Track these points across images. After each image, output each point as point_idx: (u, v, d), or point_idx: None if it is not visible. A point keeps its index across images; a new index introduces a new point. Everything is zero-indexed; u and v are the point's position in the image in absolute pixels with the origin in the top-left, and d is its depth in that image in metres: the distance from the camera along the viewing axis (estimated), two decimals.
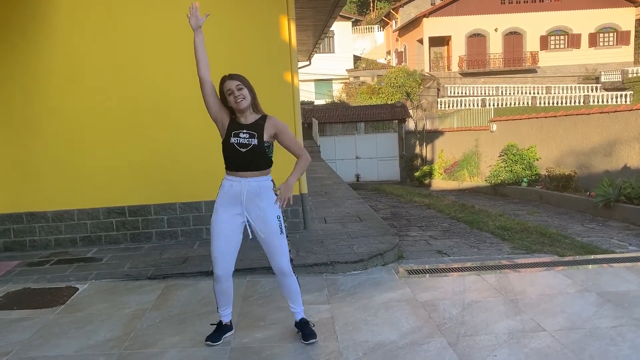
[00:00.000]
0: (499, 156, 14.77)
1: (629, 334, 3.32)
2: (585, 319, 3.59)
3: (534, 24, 33.56)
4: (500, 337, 3.33)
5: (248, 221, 3.18)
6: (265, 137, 3.14)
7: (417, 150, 23.64)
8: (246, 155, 3.10)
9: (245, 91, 3.10)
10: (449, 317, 3.67)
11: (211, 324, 3.47)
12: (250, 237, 3.22)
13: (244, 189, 3.13)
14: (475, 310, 3.78)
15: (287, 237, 3.26)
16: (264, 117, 3.20)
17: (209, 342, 3.32)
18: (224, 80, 3.14)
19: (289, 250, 3.27)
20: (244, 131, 3.12)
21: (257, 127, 3.14)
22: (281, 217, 3.21)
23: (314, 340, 3.30)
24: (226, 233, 3.17)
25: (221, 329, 3.40)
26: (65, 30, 5.65)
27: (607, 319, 3.57)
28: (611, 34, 33.97)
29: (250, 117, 3.17)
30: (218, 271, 3.21)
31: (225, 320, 3.41)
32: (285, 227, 3.23)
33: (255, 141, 3.10)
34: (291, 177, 3.17)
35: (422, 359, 3.09)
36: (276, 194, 3.16)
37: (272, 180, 3.26)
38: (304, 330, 3.35)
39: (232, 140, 3.11)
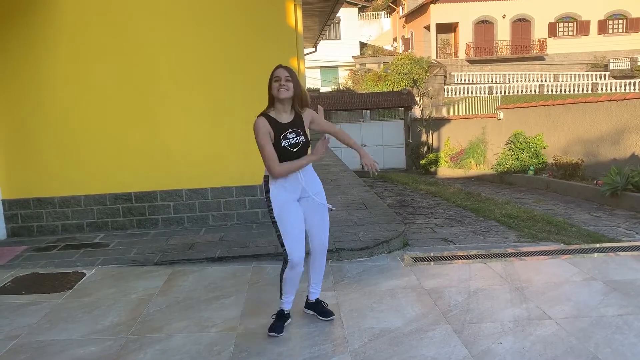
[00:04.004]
0: (506, 144, 14.68)
1: (635, 323, 3.32)
2: (591, 307, 3.58)
3: (542, 11, 33.17)
4: (506, 325, 3.33)
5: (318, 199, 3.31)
6: (308, 131, 3.30)
7: (423, 138, 23.52)
8: (297, 153, 3.20)
9: (291, 85, 3.15)
10: (455, 305, 3.67)
11: (272, 315, 3.40)
12: (333, 208, 3.40)
13: (300, 175, 3.24)
14: (480, 298, 3.78)
15: None
16: (299, 114, 3.27)
17: (273, 334, 3.25)
18: (277, 67, 3.19)
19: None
20: (290, 130, 3.18)
21: (299, 123, 3.24)
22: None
23: (332, 316, 3.44)
24: (298, 220, 3.25)
25: (282, 318, 3.36)
26: (72, 20, 5.63)
27: (613, 307, 3.56)
28: (620, 21, 33.54)
29: (289, 115, 3.23)
30: (296, 259, 3.22)
31: (287, 307, 3.39)
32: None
33: (302, 138, 3.22)
34: (358, 148, 3.47)
35: (427, 345, 3.10)
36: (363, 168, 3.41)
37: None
38: (321, 309, 3.48)
39: (283, 143, 3.15)
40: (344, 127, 23.38)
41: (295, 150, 3.17)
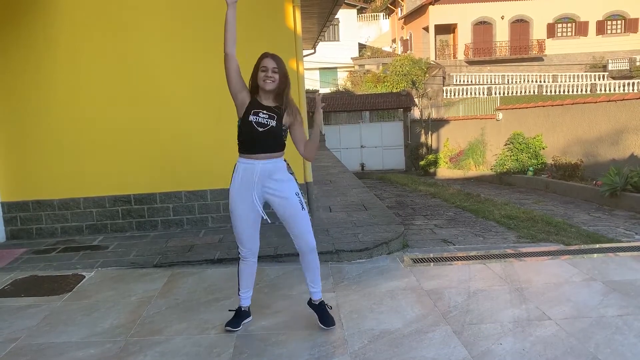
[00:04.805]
0: (505, 145, 14.68)
1: (635, 323, 3.32)
2: (591, 307, 3.58)
3: (540, 11, 33.21)
4: (506, 326, 3.33)
5: (259, 203, 3.21)
6: (284, 121, 3.17)
7: (423, 139, 23.53)
8: (262, 135, 3.11)
9: (277, 77, 3.10)
10: (454, 306, 3.67)
11: (229, 310, 3.50)
12: (269, 221, 3.25)
13: (256, 170, 3.15)
14: (480, 299, 3.78)
15: (308, 212, 3.29)
16: (286, 106, 3.20)
17: (229, 328, 3.35)
18: (265, 55, 3.14)
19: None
20: (264, 111, 3.13)
21: (278, 110, 3.16)
22: (300, 193, 3.25)
23: (332, 326, 3.32)
24: (247, 215, 3.22)
25: (240, 315, 3.42)
26: (71, 21, 5.63)
27: (613, 307, 3.56)
28: (619, 22, 33.58)
29: (271, 102, 3.18)
30: (245, 251, 3.28)
31: (245, 304, 3.44)
32: (305, 202, 3.28)
33: (273, 123, 3.12)
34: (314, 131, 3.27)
35: (427, 346, 3.10)
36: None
37: (286, 161, 3.29)
38: (322, 313, 3.36)
39: (251, 118, 3.11)
40: (343, 129, 23.53)
41: (261, 130, 3.09)
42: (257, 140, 3.12)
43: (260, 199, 3.20)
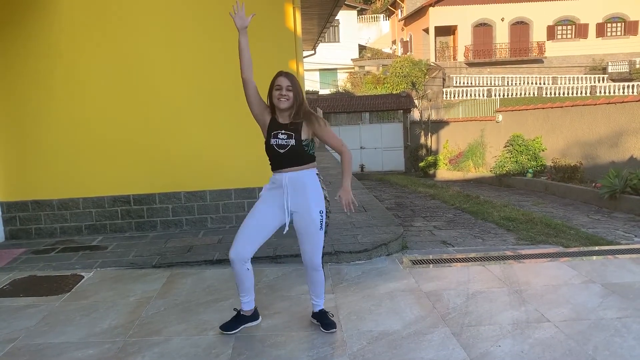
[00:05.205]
0: (505, 147, 14.68)
1: (634, 325, 3.32)
2: (590, 310, 3.58)
3: (540, 14, 33.26)
4: (505, 328, 3.33)
5: (290, 213, 3.20)
6: (304, 136, 3.16)
7: (422, 140, 23.53)
8: (284, 156, 3.14)
9: (292, 95, 3.12)
10: (453, 307, 3.67)
11: (234, 309, 3.45)
12: (285, 230, 3.26)
13: (285, 180, 3.16)
14: (479, 301, 3.78)
15: (325, 233, 3.26)
16: (303, 117, 3.18)
17: (222, 331, 3.32)
18: (279, 74, 3.17)
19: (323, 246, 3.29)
20: (282, 131, 3.15)
21: (295, 126, 3.16)
22: (324, 212, 3.22)
23: (334, 330, 3.32)
24: (258, 220, 3.20)
25: (239, 319, 3.38)
26: (72, 24, 5.63)
27: (612, 310, 3.57)
28: (619, 24, 33.62)
29: (287, 118, 3.19)
30: (231, 254, 3.20)
31: (245, 308, 3.38)
32: (325, 223, 3.25)
33: (292, 141, 3.13)
34: (344, 180, 3.23)
35: (426, 348, 3.10)
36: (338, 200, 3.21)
37: (319, 176, 3.28)
38: (324, 320, 3.36)
39: (272, 141, 3.15)
40: (343, 130, 23.49)
41: (282, 151, 3.12)
42: (280, 160, 3.16)
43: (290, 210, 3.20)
